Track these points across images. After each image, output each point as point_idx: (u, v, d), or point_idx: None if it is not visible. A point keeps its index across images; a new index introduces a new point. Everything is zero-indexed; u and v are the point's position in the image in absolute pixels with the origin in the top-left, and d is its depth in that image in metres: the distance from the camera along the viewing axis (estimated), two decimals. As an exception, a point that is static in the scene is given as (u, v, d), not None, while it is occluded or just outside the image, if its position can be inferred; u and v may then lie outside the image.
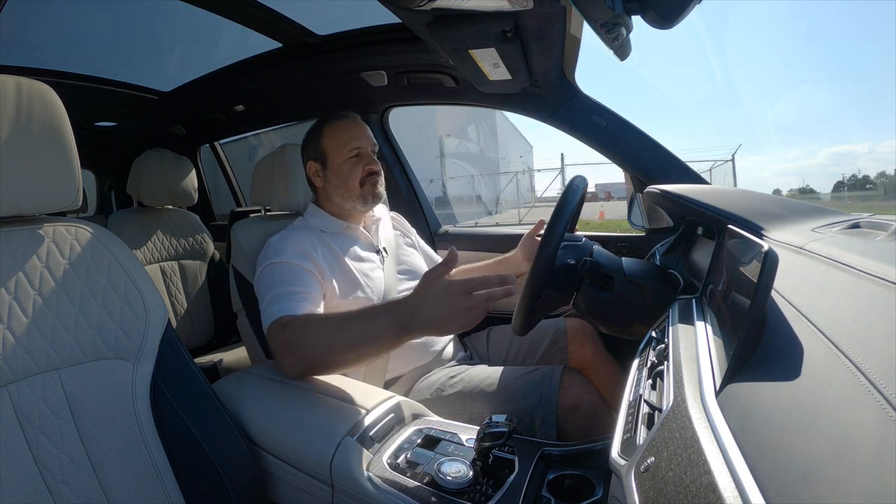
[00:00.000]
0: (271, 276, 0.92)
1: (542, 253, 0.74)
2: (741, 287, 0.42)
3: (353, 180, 1.03)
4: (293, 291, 0.88)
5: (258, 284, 0.94)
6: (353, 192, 1.04)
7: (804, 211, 0.75)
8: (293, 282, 0.90)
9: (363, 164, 1.04)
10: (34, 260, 0.59)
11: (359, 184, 1.03)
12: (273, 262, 0.93)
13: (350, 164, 1.03)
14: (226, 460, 0.66)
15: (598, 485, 0.62)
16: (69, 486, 0.56)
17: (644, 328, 0.69)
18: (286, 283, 0.89)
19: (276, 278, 0.91)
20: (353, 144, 1.04)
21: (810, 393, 0.29)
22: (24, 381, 0.56)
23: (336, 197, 1.06)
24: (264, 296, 0.89)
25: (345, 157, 1.03)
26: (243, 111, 1.83)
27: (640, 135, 1.25)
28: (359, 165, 1.03)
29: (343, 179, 1.04)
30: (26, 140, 0.56)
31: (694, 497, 0.27)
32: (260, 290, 0.92)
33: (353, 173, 1.03)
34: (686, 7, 0.59)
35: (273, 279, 0.91)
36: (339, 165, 1.04)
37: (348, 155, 1.03)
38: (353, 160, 1.03)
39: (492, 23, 0.86)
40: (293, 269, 0.92)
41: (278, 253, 0.94)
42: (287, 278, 0.90)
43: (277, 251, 0.95)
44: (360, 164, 1.04)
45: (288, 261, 0.93)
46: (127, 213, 1.65)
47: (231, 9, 1.20)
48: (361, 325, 0.72)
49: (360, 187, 1.03)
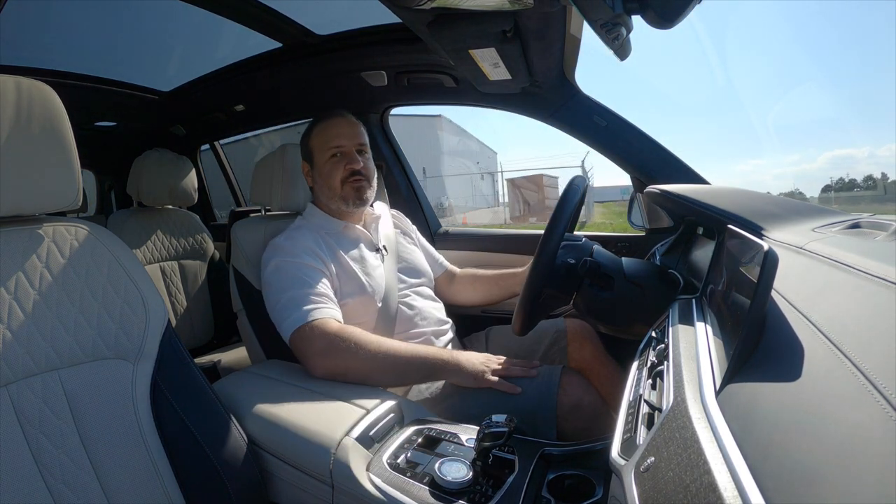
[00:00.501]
0: (285, 273, 0.92)
1: (541, 253, 0.74)
2: (741, 287, 0.42)
3: (333, 180, 1.03)
4: (318, 293, 0.90)
5: (270, 282, 0.93)
6: (335, 191, 1.03)
7: (804, 211, 0.75)
8: (311, 282, 0.91)
9: (344, 163, 1.03)
10: (34, 260, 0.59)
11: (339, 183, 1.03)
12: (284, 259, 0.94)
13: (331, 164, 1.03)
14: (226, 460, 0.66)
15: (598, 485, 0.62)
16: (69, 486, 0.56)
17: (644, 328, 0.69)
18: (306, 285, 0.90)
19: (291, 278, 0.91)
20: (334, 143, 1.03)
21: (810, 393, 0.29)
22: (24, 381, 0.56)
23: (322, 197, 1.06)
24: (281, 295, 0.89)
25: (326, 157, 1.03)
26: (243, 111, 1.83)
27: (640, 135, 1.25)
28: (340, 164, 1.03)
29: (325, 179, 1.04)
30: (26, 140, 0.56)
31: (694, 497, 0.27)
32: (273, 288, 0.92)
33: (334, 173, 1.03)
34: (686, 7, 0.59)
35: (289, 278, 0.91)
36: (321, 164, 1.04)
37: (329, 154, 1.03)
38: (334, 159, 1.03)
39: (492, 23, 0.86)
40: (307, 269, 0.93)
41: (287, 252, 0.95)
42: (304, 278, 0.91)
43: (286, 250, 0.95)
44: (341, 162, 1.03)
45: (299, 260, 0.93)
46: (127, 213, 1.65)
47: (231, 9, 1.20)
48: (404, 354, 0.85)
49: (340, 187, 1.03)
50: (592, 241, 0.85)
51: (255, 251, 1.07)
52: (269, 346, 1.04)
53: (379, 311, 1.00)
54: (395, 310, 1.02)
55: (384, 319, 1.00)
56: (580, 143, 1.31)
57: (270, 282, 0.94)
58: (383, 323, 1.00)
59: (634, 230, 1.34)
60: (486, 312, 1.55)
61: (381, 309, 1.00)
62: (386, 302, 1.01)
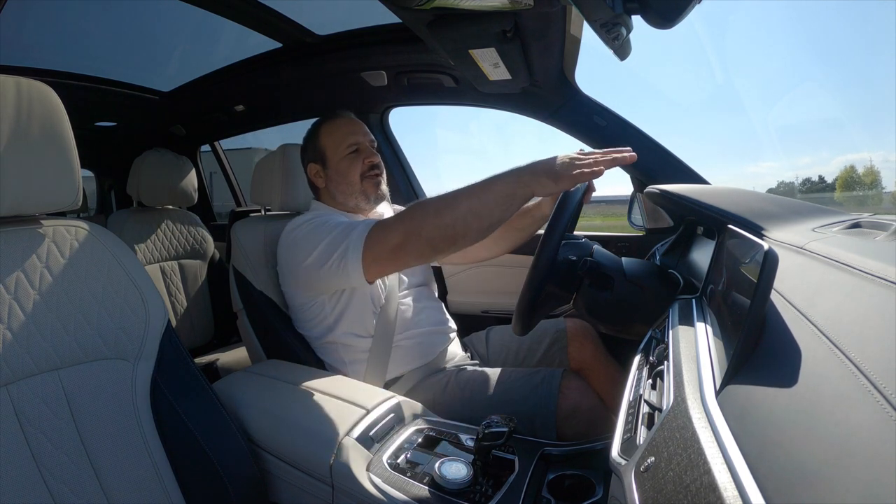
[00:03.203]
0: (320, 227, 0.90)
1: (542, 253, 0.74)
2: (741, 287, 0.42)
3: (353, 175, 1.03)
4: (349, 223, 0.87)
5: (306, 241, 0.91)
6: (355, 186, 1.04)
7: (804, 211, 0.75)
8: (342, 221, 0.89)
9: (362, 157, 1.04)
10: (34, 260, 0.59)
11: (359, 178, 1.04)
12: (311, 222, 0.93)
13: (349, 160, 1.04)
14: (226, 460, 0.66)
15: (598, 485, 0.62)
16: (69, 486, 0.56)
17: (644, 328, 0.69)
18: (339, 224, 0.88)
19: (326, 226, 0.89)
20: (350, 140, 1.04)
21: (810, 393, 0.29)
22: (24, 381, 0.56)
23: (339, 195, 1.06)
24: (322, 239, 0.87)
25: (344, 154, 1.04)
26: (243, 111, 1.83)
27: (641, 135, 1.25)
28: (358, 159, 1.04)
29: (343, 175, 1.04)
30: (26, 140, 0.56)
31: (694, 497, 0.27)
32: (312, 242, 0.89)
33: (353, 167, 1.03)
34: (686, 7, 0.59)
35: (324, 227, 0.89)
36: (338, 162, 1.04)
37: (347, 151, 1.04)
38: (351, 155, 1.04)
39: (492, 23, 0.86)
40: (336, 219, 0.92)
41: (311, 219, 0.95)
42: (337, 220, 0.90)
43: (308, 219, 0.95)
44: (359, 158, 1.04)
45: (326, 218, 0.93)
46: (127, 213, 1.65)
47: (231, 9, 1.20)
48: (477, 192, 0.74)
49: (360, 181, 1.04)
50: (592, 241, 0.85)
51: (255, 251, 1.07)
52: (269, 346, 1.04)
53: (379, 312, 1.00)
54: (395, 311, 1.02)
55: (384, 320, 1.00)
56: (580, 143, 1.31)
57: (302, 245, 0.91)
58: (383, 324, 1.00)
59: (634, 230, 1.34)
60: (487, 312, 1.55)
61: (381, 310, 1.00)
62: (386, 303, 1.01)
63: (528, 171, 0.73)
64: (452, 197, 0.75)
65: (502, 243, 1.15)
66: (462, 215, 0.74)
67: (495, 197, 0.74)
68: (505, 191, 0.73)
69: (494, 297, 1.54)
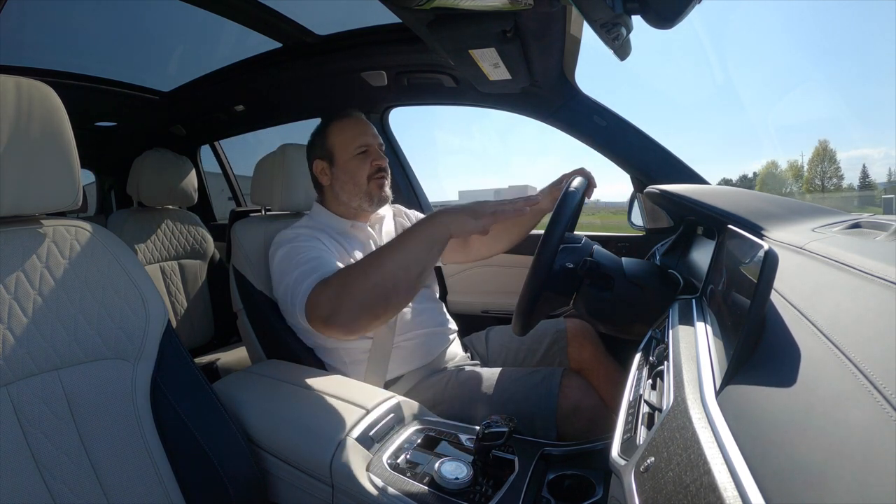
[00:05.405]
0: (293, 255, 0.92)
1: (541, 253, 0.74)
2: (741, 287, 0.42)
3: (360, 176, 1.03)
4: (319, 259, 0.89)
5: (279, 268, 0.93)
6: (361, 188, 1.04)
7: (804, 211, 0.75)
8: (315, 256, 0.90)
9: (371, 159, 1.04)
10: (34, 260, 0.59)
11: (366, 179, 1.04)
12: (291, 244, 0.94)
13: (358, 160, 1.04)
14: (226, 460, 0.66)
15: (598, 485, 0.62)
16: (69, 486, 0.56)
17: (644, 328, 0.69)
18: (309, 261, 0.89)
19: (298, 257, 0.91)
20: (360, 141, 1.04)
21: (810, 393, 0.29)
22: (24, 381, 0.56)
23: (343, 195, 1.06)
24: (289, 273, 0.89)
25: (352, 154, 1.04)
26: (243, 111, 1.83)
27: (640, 135, 1.25)
28: (366, 161, 1.04)
29: (350, 175, 1.04)
30: (26, 140, 0.56)
31: (694, 497, 0.27)
32: (282, 271, 0.92)
33: (361, 169, 1.03)
34: (686, 7, 0.59)
35: (296, 257, 0.91)
36: (346, 161, 1.04)
37: (356, 151, 1.04)
38: (360, 156, 1.04)
39: (492, 23, 0.86)
40: (312, 248, 0.93)
41: (292, 239, 0.96)
42: (309, 255, 0.91)
43: (291, 238, 0.96)
44: (367, 159, 1.04)
45: (305, 243, 0.94)
46: (127, 213, 1.65)
47: (231, 9, 1.20)
48: (397, 245, 0.77)
49: (367, 183, 1.04)
50: (592, 241, 0.85)
51: (255, 251, 1.07)
52: (269, 346, 1.04)
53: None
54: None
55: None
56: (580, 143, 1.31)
57: (279, 266, 0.94)
58: (383, 325, 1.00)
59: (634, 230, 1.34)
60: (487, 312, 1.55)
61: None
62: None
63: (445, 213, 0.77)
64: (375, 256, 0.78)
65: (503, 240, 1.16)
66: (389, 270, 0.75)
67: (416, 244, 0.76)
68: (423, 236, 0.76)
69: (494, 297, 1.54)
